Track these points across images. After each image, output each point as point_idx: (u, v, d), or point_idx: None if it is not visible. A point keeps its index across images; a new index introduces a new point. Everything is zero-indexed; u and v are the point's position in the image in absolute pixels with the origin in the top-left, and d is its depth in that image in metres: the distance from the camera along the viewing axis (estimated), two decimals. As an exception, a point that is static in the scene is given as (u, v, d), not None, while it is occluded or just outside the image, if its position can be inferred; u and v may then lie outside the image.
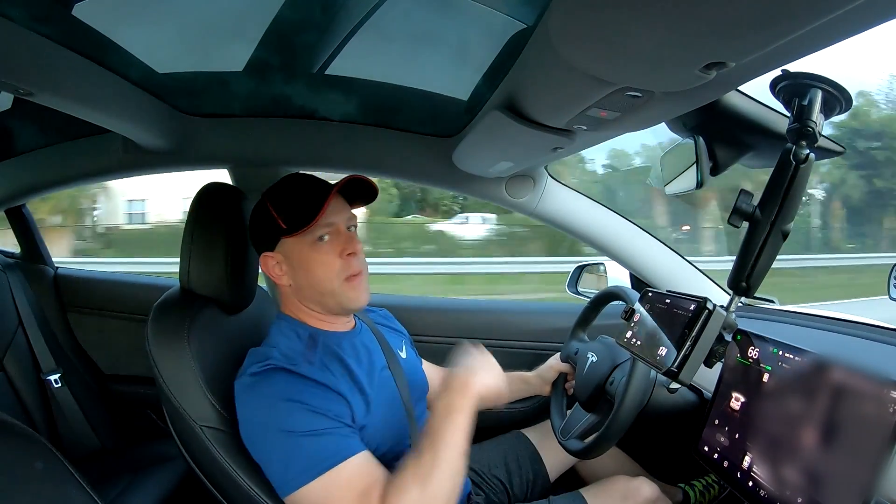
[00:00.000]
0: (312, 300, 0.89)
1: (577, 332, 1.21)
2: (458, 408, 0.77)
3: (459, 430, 0.76)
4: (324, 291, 0.86)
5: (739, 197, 0.68)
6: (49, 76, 0.84)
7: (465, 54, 0.98)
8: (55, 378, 1.40)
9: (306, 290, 0.87)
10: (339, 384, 0.81)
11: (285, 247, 0.86)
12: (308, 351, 0.84)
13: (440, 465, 0.73)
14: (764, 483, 0.67)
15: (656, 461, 1.24)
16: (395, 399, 0.91)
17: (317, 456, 0.73)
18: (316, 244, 0.84)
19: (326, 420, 0.76)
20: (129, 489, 1.20)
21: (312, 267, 0.85)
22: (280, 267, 0.87)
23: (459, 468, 0.75)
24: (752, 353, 0.76)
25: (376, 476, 0.75)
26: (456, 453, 0.75)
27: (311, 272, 0.85)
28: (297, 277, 0.87)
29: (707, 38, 0.43)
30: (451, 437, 0.75)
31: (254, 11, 0.90)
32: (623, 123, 0.73)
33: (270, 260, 0.88)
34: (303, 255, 0.85)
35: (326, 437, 0.75)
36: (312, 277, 0.85)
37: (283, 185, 0.89)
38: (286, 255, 0.86)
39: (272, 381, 0.78)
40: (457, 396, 0.78)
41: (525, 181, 1.29)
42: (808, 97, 0.61)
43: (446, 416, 0.77)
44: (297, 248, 0.85)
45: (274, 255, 0.87)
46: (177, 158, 1.28)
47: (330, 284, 0.85)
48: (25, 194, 1.48)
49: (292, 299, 0.91)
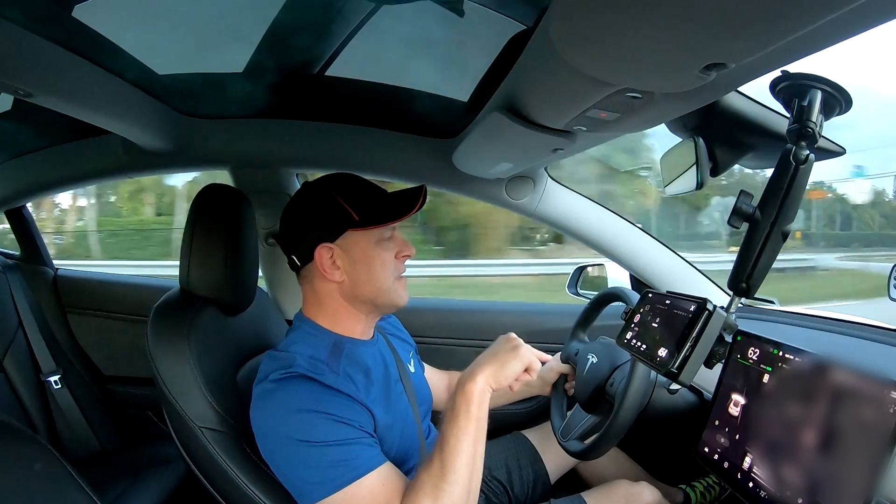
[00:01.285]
0: (363, 297, 0.87)
1: (577, 332, 1.21)
2: (462, 412, 0.75)
3: (465, 435, 0.74)
4: (380, 288, 0.86)
5: (739, 198, 0.67)
6: (49, 77, 0.84)
7: (465, 55, 0.98)
8: (55, 379, 1.40)
9: (363, 285, 0.85)
10: (363, 394, 0.79)
11: (348, 240, 0.84)
12: (331, 359, 0.82)
13: (448, 476, 0.71)
14: (764, 484, 0.67)
15: (657, 462, 1.24)
16: (407, 413, 0.90)
17: (341, 467, 0.72)
18: (382, 242, 0.85)
19: (351, 430, 0.74)
20: (128, 490, 1.20)
21: (374, 264, 0.85)
22: (335, 261, 0.84)
23: (471, 475, 0.73)
24: (752, 354, 0.76)
25: (397, 489, 0.74)
26: (464, 460, 0.73)
27: (372, 269, 0.85)
28: (356, 272, 0.85)
29: (707, 40, 0.43)
30: (458, 445, 0.73)
31: (254, 13, 0.90)
32: (623, 124, 0.73)
33: (327, 252, 0.84)
34: (367, 251, 0.84)
35: (350, 447, 0.73)
36: (372, 274, 0.85)
37: (347, 179, 0.88)
38: (346, 248, 0.84)
39: (295, 390, 0.76)
40: (460, 400, 0.76)
41: (525, 182, 1.29)
42: (808, 98, 0.60)
43: (451, 422, 0.75)
44: (363, 244, 0.84)
45: (332, 248, 0.84)
46: (177, 159, 1.29)
47: (387, 282, 0.86)
48: (25, 195, 1.49)
49: (331, 299, 0.87)
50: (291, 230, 0.87)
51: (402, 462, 0.85)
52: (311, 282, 0.87)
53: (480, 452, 0.75)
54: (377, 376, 0.86)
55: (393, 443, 0.83)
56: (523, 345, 0.82)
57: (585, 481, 1.24)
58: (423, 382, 1.07)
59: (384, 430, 0.81)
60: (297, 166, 1.37)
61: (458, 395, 0.77)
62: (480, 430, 0.76)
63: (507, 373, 0.78)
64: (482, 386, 0.77)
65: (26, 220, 1.59)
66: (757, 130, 0.81)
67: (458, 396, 0.76)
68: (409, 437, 0.88)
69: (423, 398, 1.01)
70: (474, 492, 0.74)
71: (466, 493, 0.72)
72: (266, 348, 0.89)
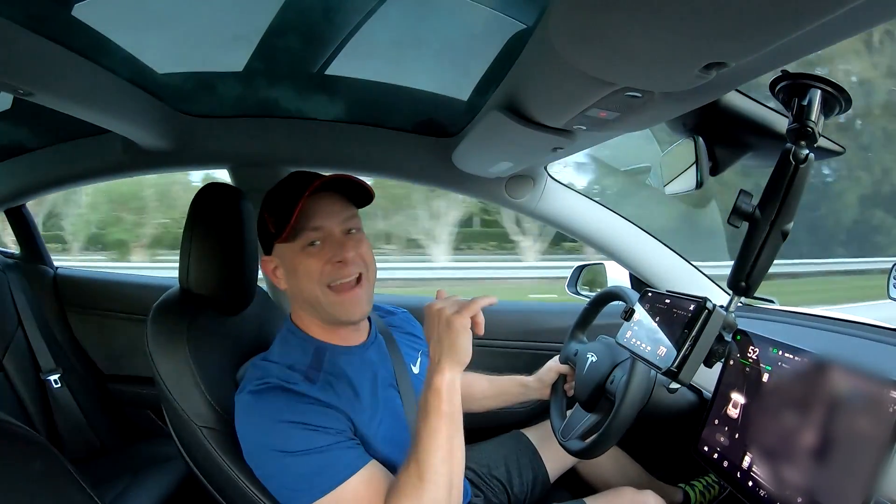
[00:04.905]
0: (306, 310, 0.86)
1: (576, 332, 1.21)
2: (433, 410, 0.72)
3: (437, 432, 0.71)
4: (310, 300, 0.82)
5: (739, 197, 0.68)
6: (49, 77, 0.84)
7: (465, 54, 0.98)
8: (55, 378, 1.40)
9: (297, 295, 0.84)
10: (342, 402, 0.78)
11: (279, 252, 0.84)
12: (312, 367, 0.81)
13: (426, 475, 0.70)
14: (764, 483, 0.67)
15: (656, 461, 1.24)
16: (399, 416, 0.88)
17: (322, 474, 0.71)
18: (306, 249, 0.80)
19: (328, 436, 0.74)
20: (128, 489, 1.20)
21: (298, 274, 0.81)
22: (276, 272, 0.85)
23: (450, 470, 0.71)
24: (751, 353, 0.76)
25: (382, 489, 0.73)
26: (440, 457, 0.71)
27: (297, 279, 0.82)
28: (291, 282, 0.84)
29: (707, 39, 0.43)
30: (433, 443, 0.71)
31: (253, 11, 0.90)
32: (623, 123, 0.73)
33: (269, 264, 0.86)
34: (294, 261, 0.81)
35: (330, 453, 0.73)
36: (300, 283, 0.82)
37: (278, 187, 0.85)
38: (281, 259, 0.84)
39: (270, 401, 0.75)
40: (429, 397, 0.73)
41: (525, 181, 1.29)
42: (808, 97, 0.61)
43: (422, 420, 0.73)
44: (290, 254, 0.82)
45: (272, 260, 0.85)
46: (177, 158, 1.29)
47: (313, 293, 0.81)
48: (25, 194, 1.48)
49: (297, 306, 0.88)
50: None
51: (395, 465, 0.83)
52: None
53: (458, 445, 0.73)
54: (361, 383, 0.84)
55: (380, 447, 0.81)
56: (446, 310, 0.74)
57: (585, 480, 1.24)
58: None
59: (367, 434, 0.80)
60: (297, 166, 1.36)
61: (426, 392, 0.74)
62: (455, 424, 0.73)
63: (462, 350, 0.73)
64: (449, 376, 0.73)
65: (26, 219, 1.59)
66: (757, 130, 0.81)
67: (427, 393, 0.73)
68: (401, 441, 0.85)
69: None
70: (457, 486, 0.73)
71: (448, 489, 0.71)
72: (265, 348, 0.89)
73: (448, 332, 0.73)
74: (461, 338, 0.72)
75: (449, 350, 0.73)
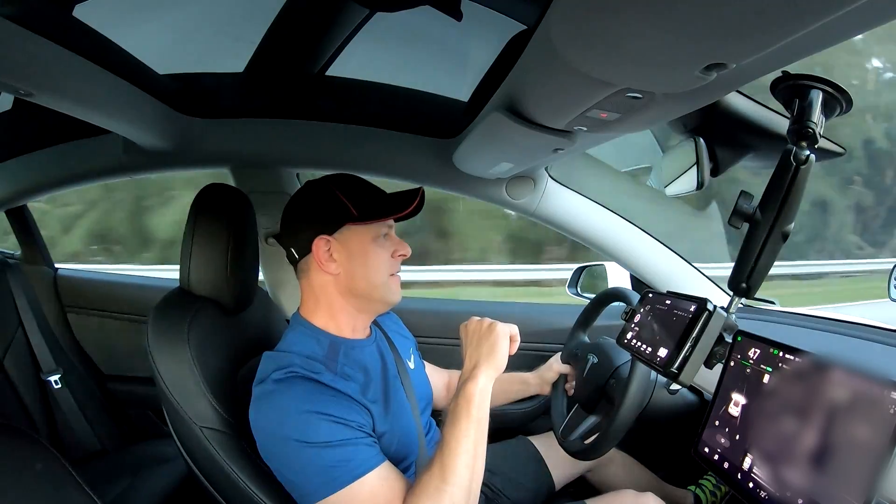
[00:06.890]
0: (357, 292, 0.87)
1: (577, 332, 1.21)
2: (463, 414, 0.74)
3: (466, 437, 0.73)
4: (374, 283, 0.87)
5: (739, 198, 0.67)
6: (49, 77, 0.84)
7: (466, 55, 0.98)
8: (55, 378, 1.40)
9: (358, 280, 0.86)
10: (361, 393, 0.80)
11: (346, 234, 0.85)
12: (329, 359, 0.83)
13: (449, 478, 0.71)
14: (764, 484, 0.67)
15: (666, 465, 1.24)
16: (406, 410, 0.90)
17: (340, 467, 0.72)
18: (378, 239, 0.87)
19: (350, 430, 0.74)
20: (128, 490, 1.20)
21: (370, 258, 0.86)
22: (331, 253, 0.85)
23: (471, 476, 0.73)
24: (752, 355, 0.76)
25: (397, 489, 0.73)
26: (464, 462, 0.72)
27: (368, 263, 0.86)
28: (352, 266, 0.86)
29: (707, 40, 0.43)
30: (459, 447, 0.73)
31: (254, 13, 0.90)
32: (623, 124, 0.72)
33: (324, 244, 0.85)
34: (364, 246, 0.86)
35: (349, 447, 0.73)
36: (368, 268, 0.86)
37: (348, 178, 0.90)
38: (343, 242, 0.85)
39: (294, 391, 0.75)
40: (461, 402, 0.76)
41: (525, 182, 1.29)
42: (809, 98, 0.60)
43: (452, 424, 0.75)
44: (359, 238, 0.85)
45: (330, 240, 0.85)
46: (177, 159, 1.29)
47: (381, 277, 0.87)
48: (26, 195, 1.49)
49: (325, 293, 0.87)
50: (291, 223, 0.88)
51: (402, 459, 0.85)
52: (308, 275, 0.88)
53: (481, 454, 0.75)
54: (375, 374, 0.87)
55: (392, 440, 0.83)
56: (489, 320, 0.83)
57: (594, 488, 1.22)
58: (424, 378, 1.07)
59: (383, 427, 0.81)
60: (298, 166, 1.37)
61: (458, 396, 0.76)
62: (481, 432, 0.75)
63: (500, 354, 0.79)
64: (483, 384, 0.77)
65: (27, 220, 1.59)
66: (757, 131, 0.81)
67: (459, 398, 0.76)
68: (408, 434, 0.88)
69: (423, 394, 1.01)
70: (475, 493, 0.74)
71: (467, 495, 0.72)
72: (266, 348, 0.89)
73: (489, 336, 0.80)
74: (501, 342, 0.79)
75: (488, 354, 0.78)
